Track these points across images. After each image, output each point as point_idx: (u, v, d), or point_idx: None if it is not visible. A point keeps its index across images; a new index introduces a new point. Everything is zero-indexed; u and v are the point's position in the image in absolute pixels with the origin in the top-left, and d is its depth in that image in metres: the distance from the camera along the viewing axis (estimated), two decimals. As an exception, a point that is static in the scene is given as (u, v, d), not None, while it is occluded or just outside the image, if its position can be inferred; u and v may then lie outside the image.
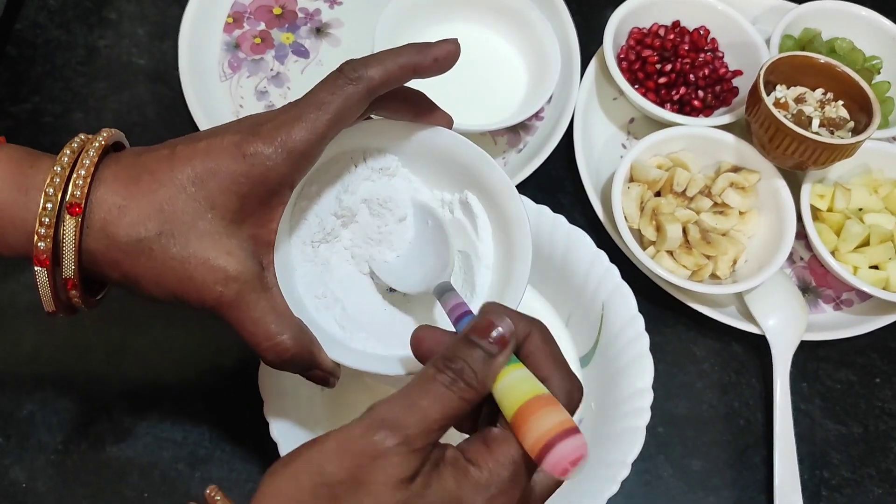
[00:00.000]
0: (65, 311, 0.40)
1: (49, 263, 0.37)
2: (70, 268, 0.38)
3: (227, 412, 0.57)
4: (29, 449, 0.54)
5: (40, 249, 0.37)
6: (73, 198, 0.37)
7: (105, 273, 0.39)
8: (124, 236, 0.37)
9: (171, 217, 0.38)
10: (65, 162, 0.38)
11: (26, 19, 0.69)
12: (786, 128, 0.61)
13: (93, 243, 0.38)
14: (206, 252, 0.38)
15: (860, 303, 0.67)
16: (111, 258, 0.38)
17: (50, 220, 0.37)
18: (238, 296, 0.39)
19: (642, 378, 0.53)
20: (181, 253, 0.38)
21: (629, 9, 0.71)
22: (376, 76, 0.40)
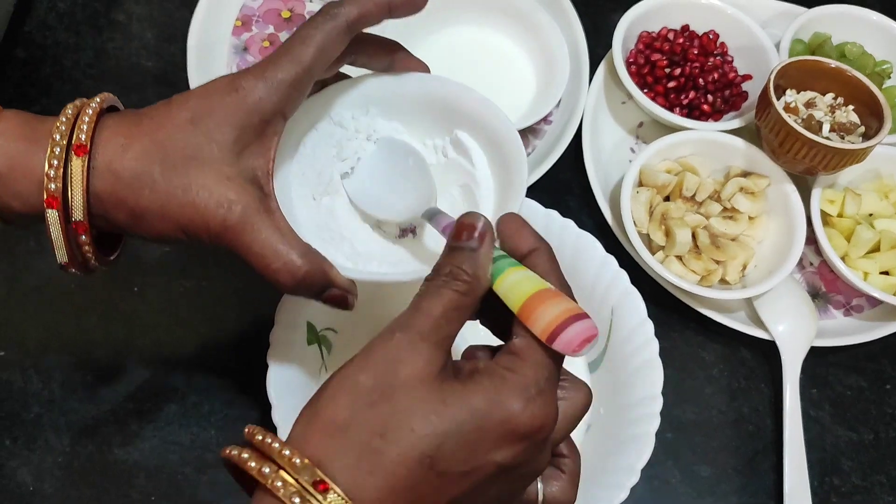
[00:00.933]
0: (78, 266, 0.41)
1: (59, 205, 0.38)
2: (80, 210, 0.39)
3: (235, 416, 0.57)
4: (36, 451, 0.54)
5: (50, 191, 0.38)
6: (78, 140, 0.38)
7: (113, 216, 0.40)
8: (128, 170, 0.39)
9: (172, 151, 0.39)
10: (69, 114, 0.40)
11: (35, 21, 0.69)
12: (796, 132, 0.61)
13: (99, 183, 0.39)
14: (207, 179, 0.39)
15: (870, 308, 0.67)
16: (117, 197, 0.39)
17: (58, 163, 0.38)
18: (242, 218, 0.39)
19: (652, 383, 0.52)
20: (183, 182, 0.39)
21: (638, 13, 0.71)
22: (354, 12, 0.42)
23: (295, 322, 0.52)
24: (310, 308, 0.53)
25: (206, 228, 0.39)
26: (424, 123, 0.49)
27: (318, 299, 0.42)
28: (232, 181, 0.39)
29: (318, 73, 0.42)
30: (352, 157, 0.48)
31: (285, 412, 0.49)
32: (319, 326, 0.54)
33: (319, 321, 0.54)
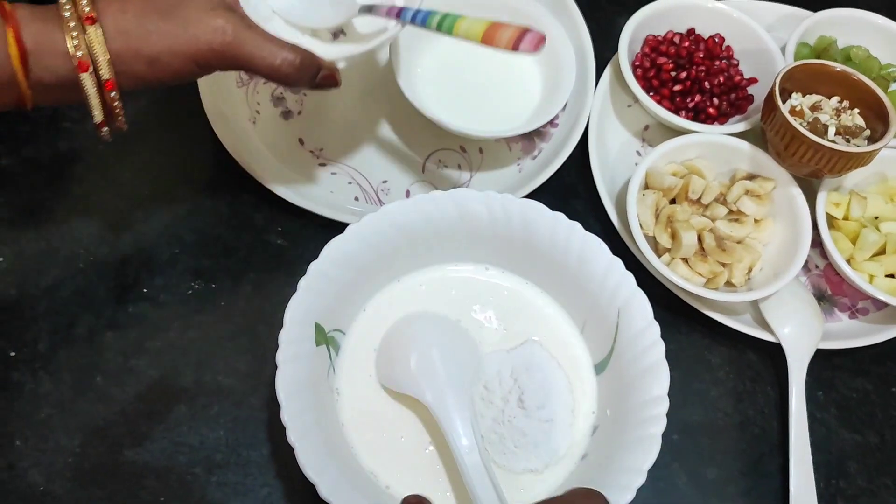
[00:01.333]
0: (109, 121, 0.48)
1: (89, 68, 0.45)
2: (106, 69, 0.46)
3: (244, 416, 0.57)
4: (47, 452, 0.54)
5: (78, 57, 0.45)
6: (83, 13, 0.45)
7: (134, 69, 0.46)
8: (133, 26, 0.46)
9: (172, 3, 0.47)
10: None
11: None
12: (801, 136, 0.61)
13: (113, 44, 0.46)
14: (198, 14, 0.47)
15: (876, 311, 0.67)
16: (132, 50, 0.46)
17: (77, 33, 0.45)
18: (235, 36, 0.47)
19: (658, 385, 0.53)
20: (180, 21, 0.47)
21: (644, 16, 0.71)
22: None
23: (303, 323, 0.52)
24: (318, 310, 0.53)
25: (212, 52, 0.47)
26: None
27: (313, 85, 0.52)
28: (216, 11, 0.48)
29: None
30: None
31: (294, 412, 0.49)
32: (328, 328, 0.54)
33: (328, 322, 0.54)
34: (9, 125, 0.64)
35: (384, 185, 0.67)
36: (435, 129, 0.67)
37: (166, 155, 0.66)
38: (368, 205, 0.66)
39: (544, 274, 0.58)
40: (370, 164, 0.67)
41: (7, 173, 0.63)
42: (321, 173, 0.66)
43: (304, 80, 0.51)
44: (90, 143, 0.65)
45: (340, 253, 0.54)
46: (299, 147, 0.67)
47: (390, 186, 0.67)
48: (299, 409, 0.49)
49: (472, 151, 0.69)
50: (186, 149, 0.66)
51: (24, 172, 0.63)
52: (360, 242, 0.55)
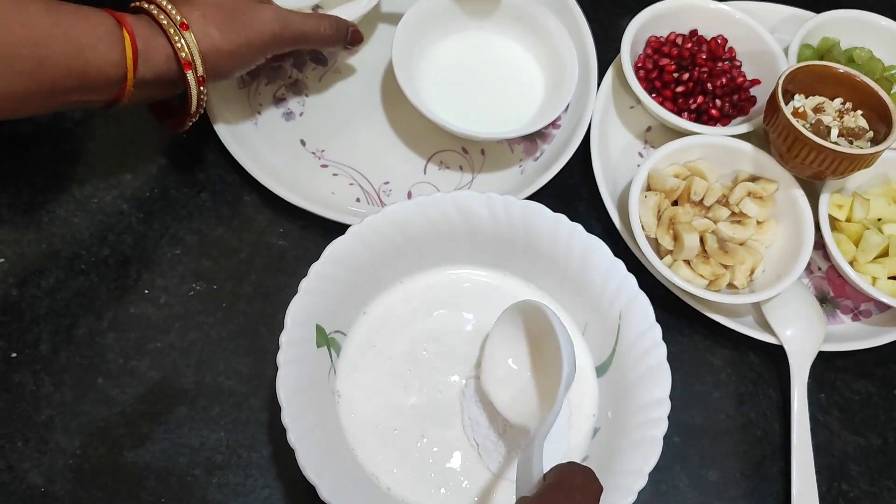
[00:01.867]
0: (198, 113, 0.58)
1: (191, 67, 0.54)
2: (200, 66, 0.55)
3: (244, 418, 0.57)
4: (47, 453, 0.54)
5: (183, 58, 0.54)
6: (175, 22, 0.54)
7: (219, 63, 0.56)
8: (214, 31, 0.55)
9: (229, 9, 0.57)
10: (153, 8, 0.54)
11: None
12: (804, 137, 0.61)
13: (203, 45, 0.55)
14: (254, 13, 0.58)
15: (879, 313, 0.67)
16: (216, 49, 0.55)
17: (178, 37, 0.53)
18: (286, 19, 0.59)
19: (660, 388, 0.53)
20: (247, 21, 0.57)
21: (646, 17, 0.71)
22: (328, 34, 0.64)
23: (304, 325, 0.52)
24: (319, 311, 0.53)
25: (274, 38, 0.58)
26: None
27: (348, 42, 0.65)
28: (263, 6, 0.58)
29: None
30: None
31: (295, 414, 0.49)
32: (329, 329, 0.54)
33: (329, 324, 0.54)
34: (11, 126, 0.64)
35: (386, 186, 0.67)
36: (437, 131, 0.66)
37: (168, 156, 0.65)
38: (370, 206, 0.65)
39: (546, 275, 0.58)
40: (372, 165, 0.67)
41: (9, 174, 0.63)
42: (323, 174, 0.66)
43: (342, 39, 0.64)
44: (92, 145, 0.65)
45: (342, 254, 0.54)
46: (301, 148, 0.67)
47: (392, 188, 0.67)
48: (300, 411, 0.49)
49: (474, 153, 0.69)
50: (188, 150, 0.66)
51: (26, 174, 0.63)
52: (362, 244, 0.55)
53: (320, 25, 0.61)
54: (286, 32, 0.59)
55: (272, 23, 0.58)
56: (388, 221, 0.55)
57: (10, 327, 0.58)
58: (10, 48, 0.47)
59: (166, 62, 0.54)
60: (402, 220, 0.56)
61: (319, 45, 0.63)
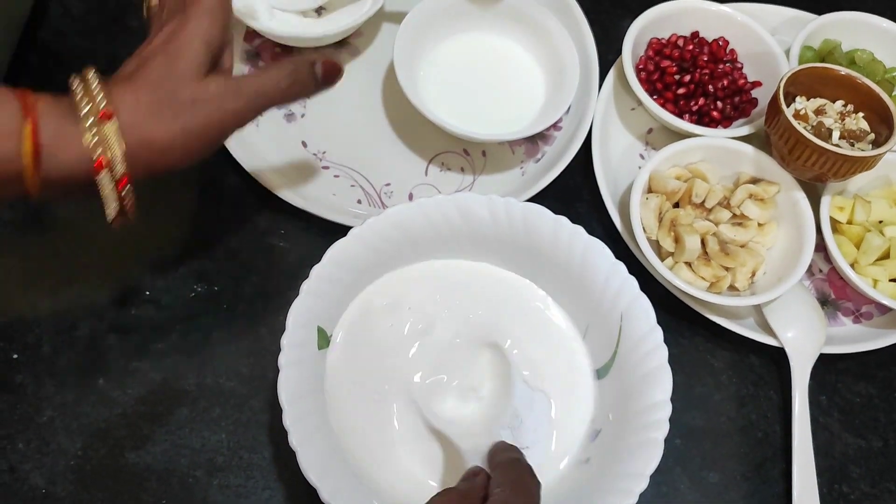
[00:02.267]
0: (121, 217, 0.47)
1: (107, 165, 0.44)
2: (120, 164, 0.44)
3: (246, 419, 0.57)
4: (49, 454, 0.55)
5: (98, 154, 0.43)
6: (98, 108, 0.44)
7: (152, 159, 0.45)
8: (147, 119, 0.45)
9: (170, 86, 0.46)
10: (79, 89, 0.45)
11: (49, 27, 0.69)
12: (805, 139, 0.61)
13: (129, 138, 0.44)
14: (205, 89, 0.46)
15: (880, 316, 0.67)
16: (146, 141, 0.45)
17: (96, 130, 0.43)
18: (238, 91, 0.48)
19: (661, 390, 0.52)
20: (193, 101, 0.46)
21: (648, 19, 0.71)
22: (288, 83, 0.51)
23: (306, 327, 0.52)
24: (320, 313, 0.53)
25: (232, 115, 0.47)
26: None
27: (321, 83, 0.51)
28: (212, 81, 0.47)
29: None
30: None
31: (296, 417, 0.49)
32: (330, 331, 0.54)
33: (330, 326, 0.54)
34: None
35: (387, 187, 0.67)
36: (438, 132, 0.66)
37: (169, 157, 0.65)
38: (371, 208, 0.65)
39: (547, 277, 0.58)
40: (373, 166, 0.67)
41: (10, 175, 0.63)
42: (324, 176, 0.66)
43: (310, 84, 0.51)
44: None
45: (343, 256, 0.54)
46: (302, 149, 0.67)
47: (393, 189, 0.67)
48: (301, 414, 0.49)
49: (476, 154, 0.69)
50: (189, 151, 0.66)
51: (27, 174, 0.63)
52: (363, 245, 0.55)
53: (278, 79, 0.49)
54: (241, 103, 0.47)
55: (222, 98, 0.47)
56: (390, 223, 0.55)
57: (12, 328, 0.58)
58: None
59: (78, 160, 0.43)
60: (403, 221, 0.56)
61: (285, 101, 0.51)
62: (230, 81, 0.48)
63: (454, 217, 0.56)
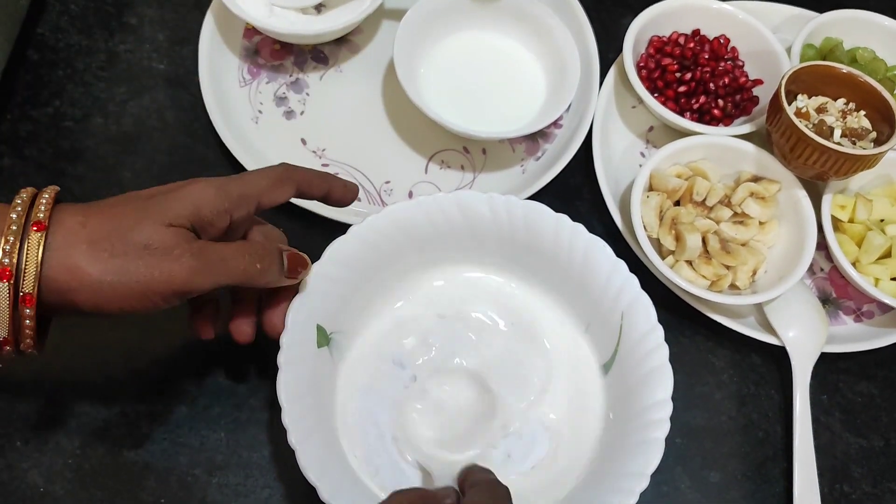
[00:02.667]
0: (13, 343, 0.42)
1: (10, 278, 0.39)
2: (31, 282, 0.40)
3: (245, 418, 0.57)
4: (47, 453, 0.54)
5: (4, 265, 0.39)
6: (36, 218, 0.41)
7: (75, 290, 0.41)
8: (86, 241, 0.41)
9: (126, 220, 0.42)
10: (24, 197, 0.42)
11: (48, 24, 0.69)
12: (807, 138, 0.61)
13: (55, 257, 0.40)
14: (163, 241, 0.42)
15: (881, 315, 0.67)
16: (80, 269, 0.40)
17: (14, 239, 0.40)
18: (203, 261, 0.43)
19: (662, 389, 0.52)
20: (145, 251, 0.42)
21: (649, 17, 0.71)
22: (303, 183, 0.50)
23: (305, 325, 0.52)
24: (320, 311, 0.53)
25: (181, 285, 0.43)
26: None
27: (286, 274, 0.48)
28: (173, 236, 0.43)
29: (265, 203, 0.48)
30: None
31: (295, 415, 0.49)
32: (329, 330, 0.54)
33: (329, 324, 0.54)
34: (11, 124, 0.64)
35: (387, 185, 0.66)
36: (438, 130, 0.66)
37: (168, 155, 0.65)
38: (371, 206, 0.65)
39: (548, 276, 0.58)
40: (373, 164, 0.67)
41: (8, 173, 0.63)
42: (324, 173, 0.66)
43: (275, 272, 0.48)
44: (92, 143, 0.65)
45: (342, 254, 0.54)
46: (302, 147, 0.67)
47: (393, 187, 0.66)
48: (300, 412, 0.49)
49: (476, 152, 0.69)
50: (188, 148, 0.66)
51: (24, 172, 0.63)
52: (363, 243, 0.54)
53: (245, 258, 0.45)
54: (197, 263, 0.43)
55: (178, 251, 0.42)
56: (390, 221, 0.55)
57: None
58: None
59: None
60: (403, 219, 0.55)
61: (245, 282, 0.46)
62: (196, 241, 0.44)
63: (455, 215, 0.56)
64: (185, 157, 0.65)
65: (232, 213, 0.46)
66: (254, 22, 0.65)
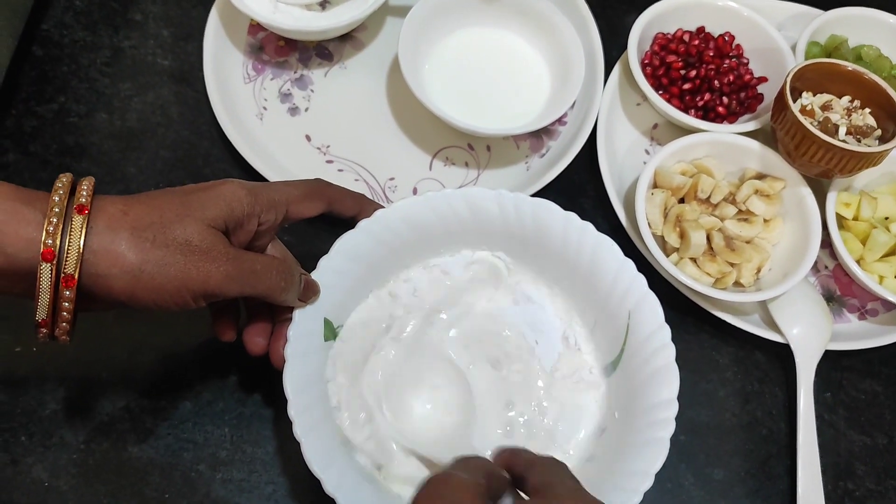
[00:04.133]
0: (49, 326, 0.43)
1: (54, 259, 0.40)
2: (73, 264, 0.40)
3: (249, 413, 0.57)
4: (51, 448, 0.54)
5: (48, 245, 0.40)
6: (79, 202, 0.41)
7: (113, 275, 0.41)
8: (128, 229, 0.41)
9: (169, 210, 0.43)
10: (65, 181, 0.42)
11: (53, 20, 0.69)
12: (812, 135, 0.61)
13: (97, 240, 0.41)
14: (204, 245, 0.43)
15: (885, 312, 0.67)
16: (119, 255, 0.41)
17: (57, 220, 0.40)
18: (237, 265, 0.45)
19: (668, 389, 0.52)
20: (185, 237, 0.43)
21: (653, 14, 0.71)
22: (335, 200, 0.52)
23: (313, 318, 0.52)
24: (327, 305, 0.53)
25: (216, 285, 0.44)
26: None
27: (300, 296, 0.50)
28: (214, 235, 0.44)
29: (292, 214, 0.50)
30: None
31: (301, 407, 0.49)
32: (336, 323, 0.54)
33: (337, 318, 0.54)
34: (15, 121, 0.64)
35: (391, 182, 0.66)
36: (443, 127, 0.66)
37: (173, 151, 0.65)
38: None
39: (555, 272, 0.58)
40: (377, 161, 0.67)
41: (13, 168, 0.63)
42: (328, 170, 0.66)
43: (294, 290, 0.49)
44: (96, 139, 0.65)
45: (351, 247, 0.54)
46: (306, 143, 0.67)
47: (397, 184, 0.66)
48: (306, 405, 0.49)
49: (480, 149, 0.69)
50: (192, 144, 0.66)
51: (29, 167, 0.63)
52: (371, 238, 0.54)
53: (274, 272, 0.47)
54: (232, 269, 0.44)
55: (216, 253, 0.43)
56: (398, 216, 0.55)
57: (15, 321, 0.57)
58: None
59: (27, 247, 0.40)
60: (411, 215, 0.55)
61: (268, 293, 0.47)
62: (231, 247, 0.45)
63: (463, 211, 0.56)
64: (189, 153, 0.65)
65: (260, 216, 0.47)
66: (258, 18, 0.65)
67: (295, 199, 0.49)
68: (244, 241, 0.48)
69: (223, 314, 0.53)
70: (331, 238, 0.53)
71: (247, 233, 0.47)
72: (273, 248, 0.52)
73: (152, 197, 0.44)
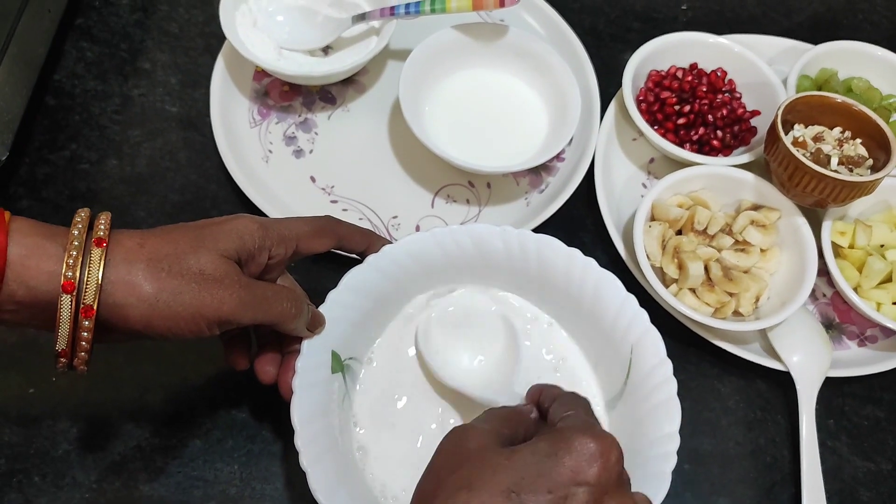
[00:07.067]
0: (69, 356, 0.44)
1: (74, 290, 0.41)
2: (92, 295, 0.42)
3: (258, 450, 0.58)
4: (64, 488, 0.55)
5: (68, 278, 0.41)
6: (97, 235, 0.43)
7: (130, 306, 0.43)
8: (144, 260, 0.43)
9: (184, 244, 0.45)
10: (83, 215, 0.44)
11: (65, 70, 0.71)
12: (805, 166, 0.62)
13: (114, 272, 0.42)
14: (215, 277, 0.45)
15: (884, 339, 0.67)
16: (136, 286, 0.43)
17: (77, 253, 0.42)
18: (249, 293, 0.46)
19: (669, 423, 0.52)
20: (199, 267, 0.44)
21: (647, 52, 0.72)
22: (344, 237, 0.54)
23: (320, 350, 0.53)
24: (335, 338, 0.54)
25: (228, 314, 0.45)
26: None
27: (308, 323, 0.51)
28: (227, 265, 0.46)
29: (302, 249, 0.51)
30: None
31: (308, 438, 0.49)
32: (344, 356, 0.55)
33: (344, 350, 0.55)
34: (29, 168, 0.66)
35: (394, 220, 0.68)
36: (444, 165, 0.68)
37: (181, 193, 0.67)
38: (379, 240, 0.66)
39: (559, 308, 0.59)
40: (380, 200, 0.69)
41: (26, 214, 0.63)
42: (333, 210, 0.68)
43: (302, 319, 0.50)
44: (107, 184, 0.67)
45: (358, 282, 0.55)
46: (311, 184, 0.69)
47: (400, 222, 0.68)
48: (313, 435, 0.50)
49: (481, 186, 0.70)
50: (200, 187, 0.67)
51: (42, 213, 0.64)
52: (378, 273, 0.55)
53: (287, 302, 0.48)
54: (246, 297, 0.45)
55: (230, 282, 0.45)
56: (405, 251, 0.56)
57: (28, 363, 0.59)
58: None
59: (49, 280, 0.41)
60: (417, 250, 0.56)
61: (279, 321, 0.48)
62: (245, 276, 0.46)
63: (468, 247, 0.57)
64: (197, 196, 0.67)
65: (271, 250, 0.49)
66: (263, 65, 0.67)
67: (305, 235, 0.51)
68: (255, 273, 0.49)
69: (235, 344, 0.54)
70: (335, 276, 0.55)
71: (258, 265, 0.49)
72: (283, 280, 0.54)
73: (167, 231, 0.46)
